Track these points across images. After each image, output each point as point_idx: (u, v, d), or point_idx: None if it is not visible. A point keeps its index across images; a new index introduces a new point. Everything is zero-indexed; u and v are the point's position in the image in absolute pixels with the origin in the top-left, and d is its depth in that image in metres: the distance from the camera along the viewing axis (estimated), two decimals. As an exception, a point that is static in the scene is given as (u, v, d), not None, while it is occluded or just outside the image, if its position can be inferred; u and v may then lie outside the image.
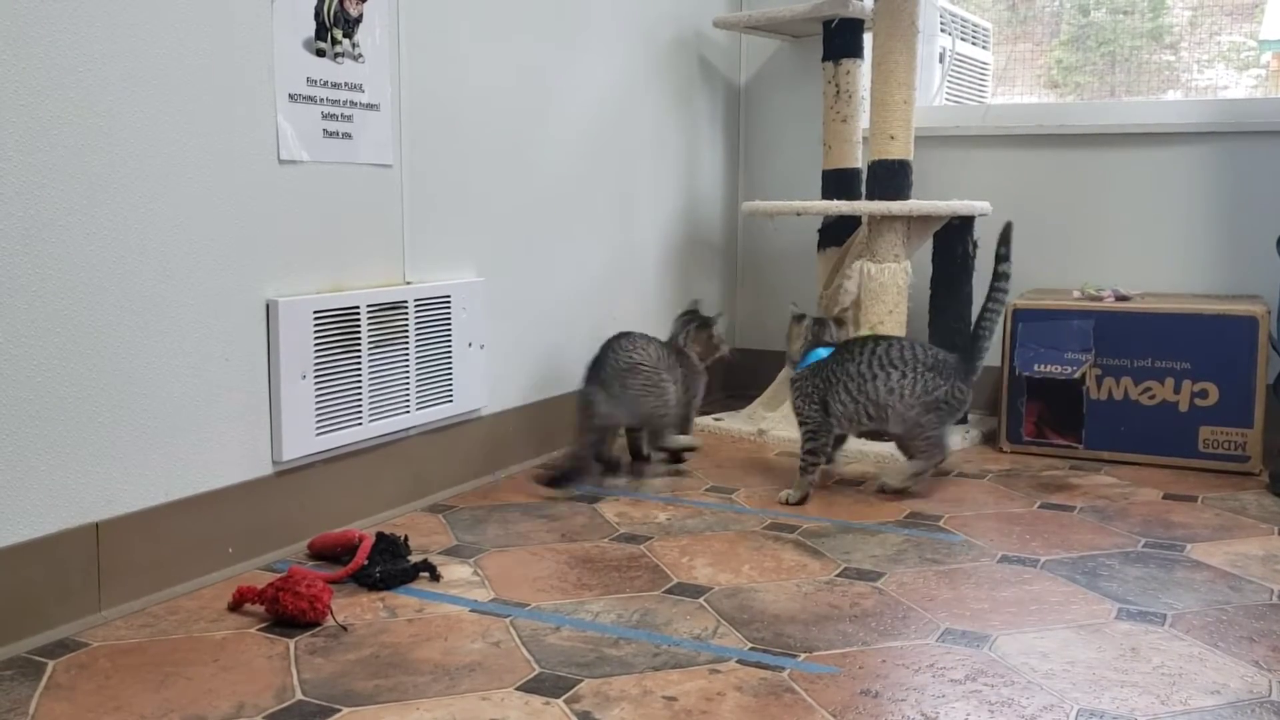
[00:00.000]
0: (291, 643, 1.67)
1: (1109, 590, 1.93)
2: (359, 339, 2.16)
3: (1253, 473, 2.74)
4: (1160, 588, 1.94)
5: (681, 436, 2.72)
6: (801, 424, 2.50)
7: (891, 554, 2.11)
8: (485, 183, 2.54)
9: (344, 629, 1.72)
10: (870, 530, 2.26)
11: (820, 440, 2.46)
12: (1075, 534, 2.25)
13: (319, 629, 1.72)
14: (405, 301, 2.27)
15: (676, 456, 2.75)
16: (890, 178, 2.92)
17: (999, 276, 2.53)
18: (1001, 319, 2.58)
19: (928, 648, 1.68)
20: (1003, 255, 2.54)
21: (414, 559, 1.98)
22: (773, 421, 3.09)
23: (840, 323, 2.66)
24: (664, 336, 2.74)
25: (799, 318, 2.62)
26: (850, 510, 2.41)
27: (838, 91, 3.18)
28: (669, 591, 1.90)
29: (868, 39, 3.18)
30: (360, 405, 2.17)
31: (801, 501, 2.43)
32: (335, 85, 2.11)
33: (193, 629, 1.72)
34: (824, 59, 3.21)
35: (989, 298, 2.52)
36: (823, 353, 2.51)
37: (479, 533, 2.21)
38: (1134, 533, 2.26)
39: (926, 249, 3.07)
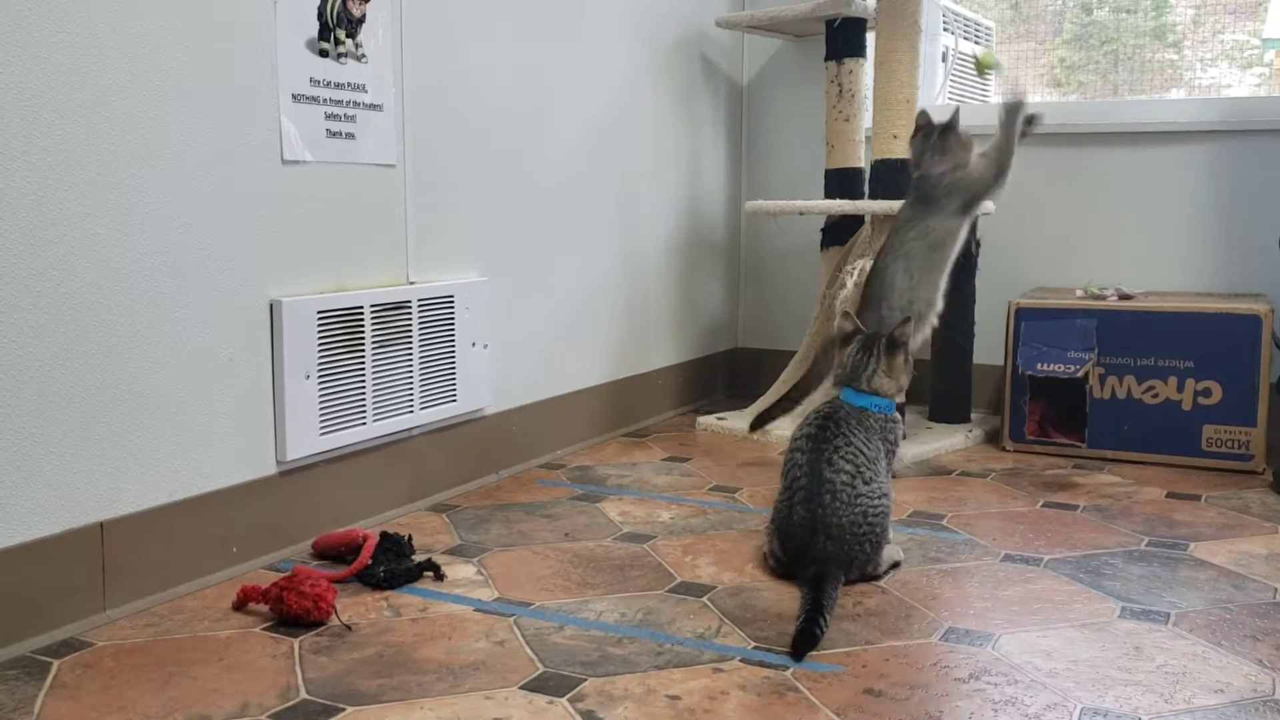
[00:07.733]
0: (296, 642, 1.67)
1: (1112, 589, 1.93)
2: (363, 339, 2.16)
3: (1256, 472, 2.74)
4: (1163, 586, 1.94)
5: None
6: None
7: (895, 553, 2.11)
8: (488, 183, 2.54)
9: (348, 628, 1.72)
10: (873, 529, 2.26)
11: None
12: (1078, 533, 2.25)
13: (323, 628, 1.72)
14: (409, 301, 2.27)
15: None
16: (893, 177, 2.92)
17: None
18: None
19: (931, 646, 1.68)
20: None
21: (418, 558, 1.98)
22: (777, 423, 3.07)
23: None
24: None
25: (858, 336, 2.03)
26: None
27: (840, 91, 3.18)
28: (672, 590, 1.90)
29: (870, 38, 3.18)
30: (364, 405, 2.18)
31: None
32: (338, 85, 2.11)
33: (197, 628, 1.72)
34: (826, 58, 3.21)
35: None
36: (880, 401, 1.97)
37: (482, 532, 2.21)
38: (1137, 532, 2.26)
39: (929, 248, 3.06)
